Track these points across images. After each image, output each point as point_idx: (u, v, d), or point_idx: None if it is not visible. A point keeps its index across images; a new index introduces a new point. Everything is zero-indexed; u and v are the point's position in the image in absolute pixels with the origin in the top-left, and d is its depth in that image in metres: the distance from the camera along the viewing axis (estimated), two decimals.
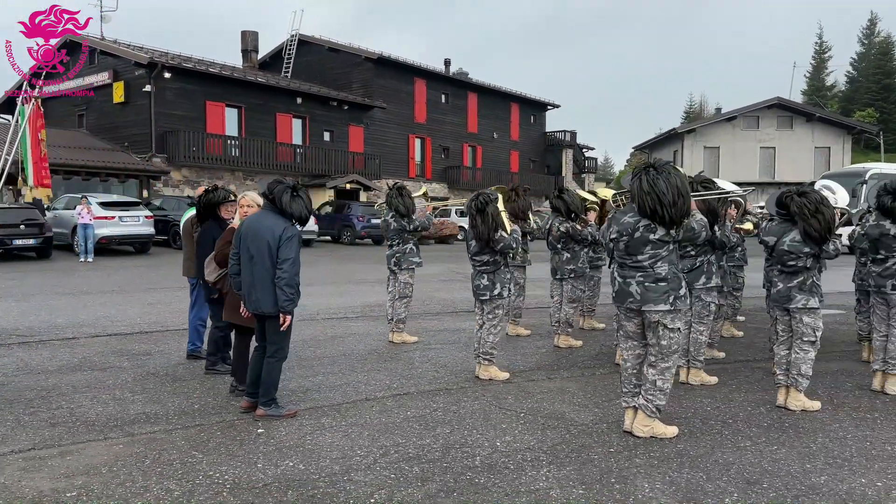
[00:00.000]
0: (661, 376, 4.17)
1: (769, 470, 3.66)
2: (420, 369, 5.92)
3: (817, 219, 4.68)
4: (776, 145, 45.56)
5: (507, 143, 41.57)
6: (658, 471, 3.62)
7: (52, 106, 28.64)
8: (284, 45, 35.10)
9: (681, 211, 4.02)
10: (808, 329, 4.84)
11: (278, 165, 28.15)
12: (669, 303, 4.10)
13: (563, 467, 3.64)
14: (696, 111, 74.40)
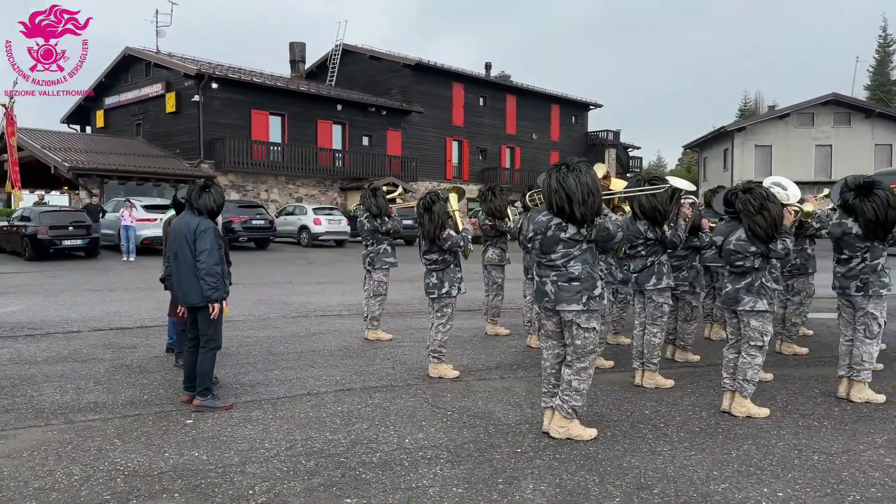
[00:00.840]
0: (577, 376, 4.13)
1: (671, 476, 3.58)
2: (378, 366, 6.01)
3: (762, 216, 4.53)
4: (833, 143, 43.66)
5: (547, 143, 41.31)
6: (553, 473, 3.59)
7: (114, 115, 30.23)
8: (329, 55, 35.90)
9: (590, 209, 3.97)
10: (755, 333, 4.68)
11: (319, 170, 28.83)
12: (582, 302, 4.06)
13: (458, 466, 3.66)
14: (752, 109, 71.99)
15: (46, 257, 16.24)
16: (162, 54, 28.08)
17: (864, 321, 5.08)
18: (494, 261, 7.69)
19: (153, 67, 27.64)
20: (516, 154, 39.48)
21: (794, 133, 44.17)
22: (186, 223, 4.64)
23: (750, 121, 47.37)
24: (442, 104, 34.81)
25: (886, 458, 3.87)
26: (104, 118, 30.25)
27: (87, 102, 30.50)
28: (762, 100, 74.43)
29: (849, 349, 5.15)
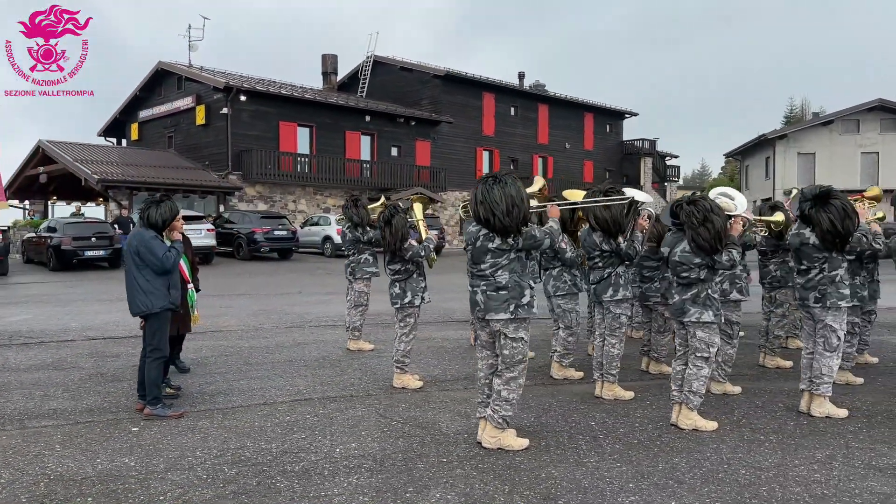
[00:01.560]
0: (506, 386, 4.13)
1: (584, 487, 3.54)
2: (346, 377, 6.08)
3: (706, 227, 4.47)
4: (879, 150, 42.28)
5: (581, 152, 41.08)
6: (466, 482, 3.59)
7: (148, 128, 31.21)
8: (360, 67, 36.45)
9: (515, 220, 3.99)
10: (701, 344, 4.61)
11: (346, 180, 29.19)
12: (510, 312, 4.07)
13: (376, 475, 3.69)
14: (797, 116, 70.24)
15: (70, 267, 16.85)
16: (194, 68, 28.88)
17: (824, 334, 4.93)
18: None
19: (184, 81, 28.48)
20: (549, 163, 39.35)
21: (838, 140, 42.92)
22: (138, 236, 4.81)
23: (792, 128, 46.24)
24: (472, 114, 34.96)
25: (816, 473, 3.76)
26: (138, 131, 31.24)
27: (123, 116, 31.60)
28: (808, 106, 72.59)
29: (809, 362, 5.00)
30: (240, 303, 11.49)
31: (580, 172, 40.91)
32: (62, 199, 30.22)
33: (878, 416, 4.94)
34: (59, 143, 25.50)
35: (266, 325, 9.14)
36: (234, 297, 12.40)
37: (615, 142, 44.01)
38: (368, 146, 31.32)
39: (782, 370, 6.57)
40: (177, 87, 29.20)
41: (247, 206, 26.33)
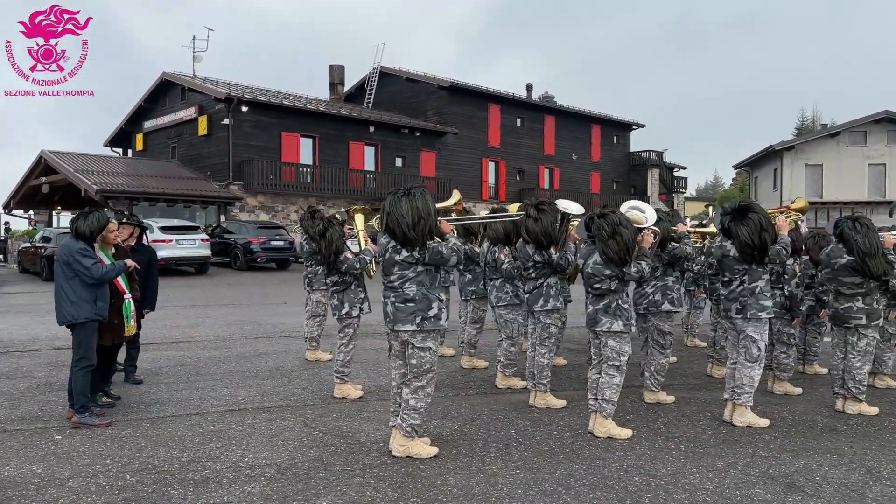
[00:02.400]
0: (414, 395, 4.20)
1: (473, 493, 3.60)
2: (290, 387, 6.17)
3: (615, 240, 4.53)
4: (887, 161, 41.84)
5: (588, 164, 41.08)
6: (359, 489, 3.66)
7: (152, 139, 31.71)
8: (367, 78, 36.81)
9: (420, 233, 4.07)
10: (612, 353, 4.66)
11: (350, 191, 29.43)
12: (416, 323, 4.15)
13: (272, 484, 3.77)
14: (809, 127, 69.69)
15: None
16: (197, 79, 29.32)
17: (745, 344, 4.95)
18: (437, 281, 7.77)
19: (187, 92, 28.92)
20: (555, 174, 39.39)
21: (845, 151, 42.57)
22: (67, 247, 4.93)
23: (799, 139, 45.90)
24: (478, 125, 35.14)
25: (708, 481, 3.79)
26: (143, 141, 31.73)
27: (128, 126, 32.14)
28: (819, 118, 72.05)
29: (732, 372, 5.03)
30: (218, 313, 11.64)
31: (587, 184, 40.92)
32: (67, 210, 30.73)
33: (800, 426, 4.95)
34: (61, 153, 25.98)
35: (235, 335, 9.26)
36: (216, 307, 12.57)
37: (622, 153, 43.97)
38: (372, 157, 31.56)
39: None
40: (180, 97, 29.66)
41: (248, 217, 26.63)
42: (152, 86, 30.74)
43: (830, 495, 3.62)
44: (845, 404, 5.34)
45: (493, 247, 6.17)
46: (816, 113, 75.59)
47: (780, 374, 6.03)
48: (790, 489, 3.69)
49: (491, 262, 6.18)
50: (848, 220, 5.29)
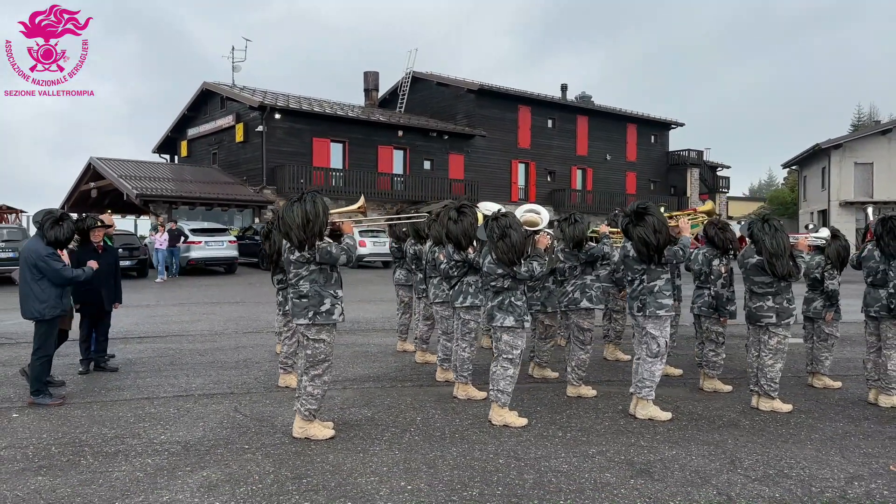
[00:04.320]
0: (311, 383, 4.59)
1: (344, 469, 3.95)
2: (246, 377, 6.63)
3: (504, 242, 4.81)
4: None
5: (623, 164, 40.72)
6: (241, 464, 4.05)
7: (195, 145, 33.10)
8: (400, 83, 37.50)
9: (308, 234, 4.44)
10: (506, 347, 4.95)
11: (378, 193, 30.10)
12: (309, 317, 4.54)
13: (170, 458, 4.19)
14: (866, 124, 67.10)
15: None
16: (235, 88, 30.50)
17: (646, 340, 5.16)
18: (401, 281, 8.15)
19: (226, 100, 30.14)
20: (588, 175, 39.25)
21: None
22: (33, 249, 5.48)
23: (847, 137, 44.34)
24: (507, 127, 35.38)
25: (566, 465, 4.04)
26: (187, 148, 33.17)
27: (174, 133, 33.64)
28: (875, 114, 69.31)
29: (636, 367, 5.24)
30: (225, 310, 12.28)
31: (622, 184, 40.57)
32: (116, 213, 32.35)
33: (702, 420, 5.12)
34: (108, 159, 27.41)
35: (228, 330, 9.83)
36: (226, 304, 13.22)
37: (660, 153, 43.38)
38: (401, 160, 32.21)
39: (671, 377, 6.74)
40: (220, 106, 30.90)
41: None
42: (194, 95, 32.09)
43: (675, 480, 3.83)
44: (759, 401, 5.47)
45: (434, 246, 6.50)
46: (873, 109, 72.78)
47: (710, 372, 6.17)
48: (640, 474, 3.92)
49: (431, 260, 6.52)
50: (758, 220, 5.42)
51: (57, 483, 3.79)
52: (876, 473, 3.95)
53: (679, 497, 3.56)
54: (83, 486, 3.75)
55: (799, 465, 4.07)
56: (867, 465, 4.10)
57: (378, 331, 9.80)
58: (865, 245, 5.93)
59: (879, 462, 4.15)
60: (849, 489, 3.69)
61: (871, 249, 5.72)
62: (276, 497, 3.56)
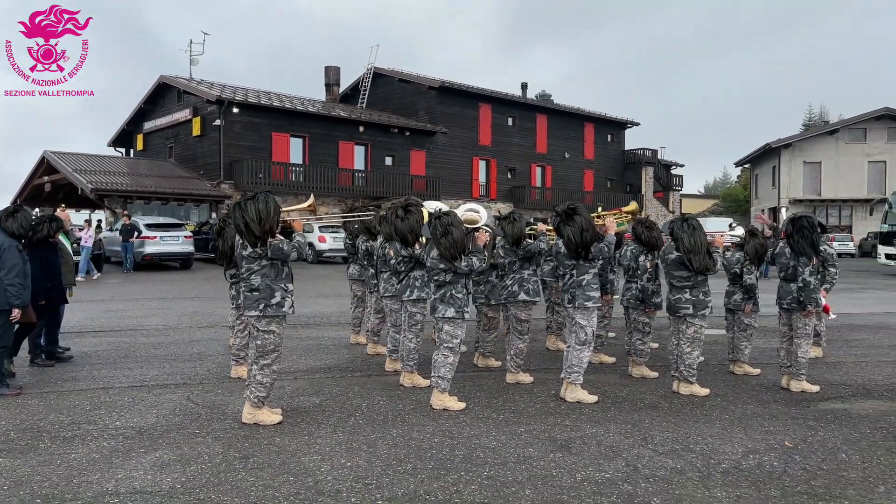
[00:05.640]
0: (261, 371, 4.87)
1: (288, 450, 4.24)
2: (199, 368, 6.86)
3: (446, 238, 5.16)
4: (887, 159, 41.96)
5: (581, 162, 41.56)
6: (192, 446, 4.33)
7: (151, 139, 32.69)
8: (361, 79, 37.57)
9: (261, 231, 4.72)
10: (447, 336, 5.31)
11: (339, 189, 30.22)
12: (259, 309, 4.82)
13: (126, 441, 4.44)
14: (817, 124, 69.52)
15: None
16: (193, 81, 30.22)
17: (574, 330, 5.58)
18: (355, 276, 8.45)
19: (183, 94, 29.88)
20: (547, 173, 39.96)
21: (844, 149, 42.72)
22: None
23: (796, 137, 46.00)
24: (468, 124, 35.80)
25: (495, 441, 4.43)
26: (143, 142, 32.74)
27: (130, 127, 33.15)
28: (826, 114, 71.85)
29: (567, 354, 5.65)
30: (180, 305, 12.40)
31: (580, 181, 41.44)
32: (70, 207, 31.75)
33: (625, 403, 5.56)
34: (62, 153, 26.95)
35: (182, 325, 9.99)
36: (181, 300, 13.32)
37: (617, 151, 44.36)
38: (362, 156, 32.34)
39: (605, 364, 7.21)
40: (177, 99, 30.59)
41: None
42: (151, 88, 31.69)
43: (590, 454, 4.24)
44: (679, 385, 5.94)
45: (384, 242, 6.82)
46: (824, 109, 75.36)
47: (637, 359, 6.64)
48: (559, 449, 4.32)
49: (381, 256, 6.83)
50: (678, 220, 5.89)
51: (17, 464, 4.01)
52: (771, 448, 4.41)
53: (591, 468, 3.97)
54: (42, 466, 3.98)
55: (704, 441, 4.52)
56: (765, 441, 4.57)
57: (334, 325, 10.08)
58: (778, 243, 6.45)
59: (777, 438, 4.62)
60: (744, 461, 4.14)
61: (782, 247, 6.24)
62: (224, 474, 3.85)
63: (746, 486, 3.70)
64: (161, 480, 3.76)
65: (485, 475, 3.86)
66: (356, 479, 3.79)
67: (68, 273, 7.46)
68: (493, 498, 3.55)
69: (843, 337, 9.14)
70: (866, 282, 19.32)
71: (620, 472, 3.90)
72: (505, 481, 3.77)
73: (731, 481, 3.78)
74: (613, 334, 8.78)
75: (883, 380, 6.54)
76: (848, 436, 4.67)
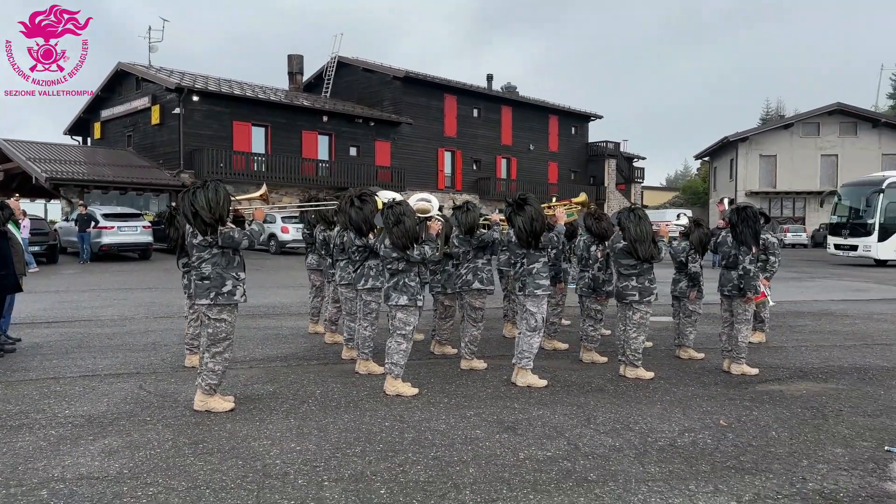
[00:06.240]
0: (212, 359, 4.90)
1: (239, 435, 4.29)
2: (151, 358, 6.83)
3: (398, 227, 5.25)
4: (838, 153, 43.27)
5: (546, 154, 41.96)
6: (142, 433, 4.35)
7: (109, 127, 31.98)
8: (325, 68, 37.25)
9: (211, 219, 4.74)
10: (400, 323, 5.41)
11: (303, 179, 30.00)
12: (210, 298, 4.85)
13: (76, 428, 4.45)
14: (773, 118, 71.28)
15: None
16: (152, 69, 29.63)
17: (525, 317, 5.73)
18: (313, 265, 8.48)
19: (141, 81, 29.27)
20: (512, 165, 40.24)
21: (799, 143, 43.89)
22: None
23: (753, 130, 47.09)
24: (434, 115, 35.82)
25: (444, 424, 4.53)
26: (101, 130, 32.02)
27: (87, 114, 32.37)
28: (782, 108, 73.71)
29: (517, 340, 5.80)
30: (137, 295, 12.25)
31: (545, 174, 41.84)
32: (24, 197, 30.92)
33: (574, 387, 5.73)
34: (15, 141, 26.23)
35: (139, 315, 9.89)
36: (138, 290, 13.16)
37: (581, 144, 44.90)
38: (326, 146, 32.12)
39: (558, 350, 7.40)
40: (135, 87, 29.96)
41: None
42: (108, 75, 30.97)
43: (535, 434, 4.39)
44: (626, 369, 6.14)
45: (342, 231, 6.87)
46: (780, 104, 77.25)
47: (588, 345, 6.83)
48: (505, 430, 4.46)
49: (339, 244, 6.88)
50: (625, 210, 6.07)
51: None
52: (706, 427, 4.62)
53: (534, 447, 4.11)
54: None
55: (644, 421, 4.71)
56: (702, 420, 4.78)
57: (293, 315, 10.08)
58: (720, 232, 6.69)
59: (712, 418, 4.83)
60: (679, 439, 4.33)
61: (724, 236, 6.47)
62: (173, 459, 3.89)
63: (679, 462, 3.89)
64: (108, 466, 3.78)
65: (431, 455, 3.98)
66: (304, 462, 3.86)
67: (18, 263, 7.35)
68: (437, 476, 3.66)
69: (788, 323, 9.50)
70: (815, 271, 19.99)
71: (561, 451, 4.06)
72: (450, 461, 3.89)
73: (665, 457, 3.96)
74: (568, 322, 8.99)
75: (819, 363, 6.84)
76: (780, 415, 4.91)
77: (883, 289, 14.75)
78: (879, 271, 20.01)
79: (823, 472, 3.76)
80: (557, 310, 7.57)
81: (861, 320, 9.93)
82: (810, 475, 3.71)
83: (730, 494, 3.44)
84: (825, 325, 9.48)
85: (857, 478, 3.67)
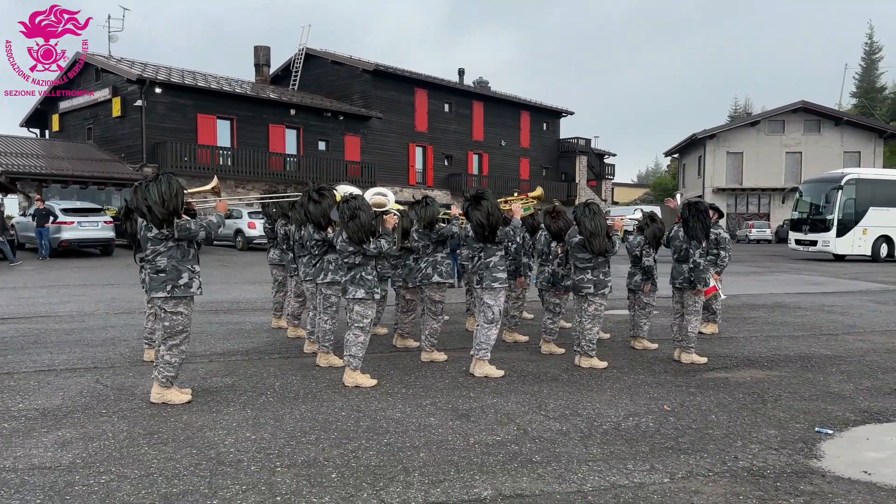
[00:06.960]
0: (169, 352, 4.93)
1: (195, 427, 4.34)
2: (109, 353, 6.78)
3: (354, 222, 5.31)
4: (803, 150, 44.37)
5: (517, 150, 42.15)
6: (98, 425, 4.37)
7: (68, 120, 31.32)
8: (292, 60, 36.90)
9: (165, 212, 4.77)
10: (357, 316, 5.49)
11: (270, 174, 29.71)
12: (167, 291, 4.88)
13: (29, 422, 4.44)
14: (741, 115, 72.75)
15: None
16: (112, 59, 29.06)
17: (482, 309, 5.86)
18: (275, 260, 8.48)
19: (102, 72, 28.67)
20: (484, 160, 40.36)
21: (764, 140, 44.85)
22: None
23: (721, 128, 48.01)
24: (404, 109, 35.73)
25: (399, 413, 4.64)
26: (59, 122, 31.34)
27: (44, 106, 31.62)
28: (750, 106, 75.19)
29: (475, 332, 5.93)
30: (97, 291, 12.11)
31: (516, 170, 42.05)
32: None
33: (529, 377, 5.87)
34: None
35: (99, 311, 9.79)
36: (98, 286, 12.98)
37: (552, 140, 45.22)
38: (294, 140, 31.86)
39: (518, 343, 7.54)
40: (95, 78, 29.37)
41: None
42: (67, 66, 30.28)
43: (487, 420, 4.51)
44: (580, 359, 6.31)
45: (298, 225, 6.90)
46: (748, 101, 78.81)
47: (547, 337, 6.99)
48: (459, 417, 4.58)
49: (299, 239, 6.92)
50: (581, 205, 6.23)
51: None
52: (650, 411, 4.80)
53: (484, 433, 4.24)
54: None
55: (592, 407, 4.87)
56: (647, 405, 4.96)
57: (257, 310, 10.08)
58: (672, 227, 6.89)
59: (658, 403, 5.01)
60: (623, 423, 4.50)
61: (676, 230, 6.67)
62: (127, 449, 3.93)
63: (620, 444, 4.05)
64: (61, 457, 3.80)
65: (384, 442, 4.08)
66: (258, 450, 3.93)
67: None
68: (388, 461, 3.76)
69: (742, 315, 9.80)
70: (776, 265, 20.54)
71: (511, 436, 4.19)
72: (402, 446, 3.99)
73: (608, 440, 4.12)
74: (531, 315, 9.15)
75: (767, 352, 7.10)
76: (722, 400, 5.11)
77: (838, 282, 15.24)
78: (837, 266, 20.64)
79: (755, 451, 3.95)
80: (518, 303, 7.72)
81: (812, 312, 10.28)
82: (742, 454, 3.90)
83: (664, 472, 3.61)
84: (777, 316, 9.80)
85: (786, 456, 3.87)
